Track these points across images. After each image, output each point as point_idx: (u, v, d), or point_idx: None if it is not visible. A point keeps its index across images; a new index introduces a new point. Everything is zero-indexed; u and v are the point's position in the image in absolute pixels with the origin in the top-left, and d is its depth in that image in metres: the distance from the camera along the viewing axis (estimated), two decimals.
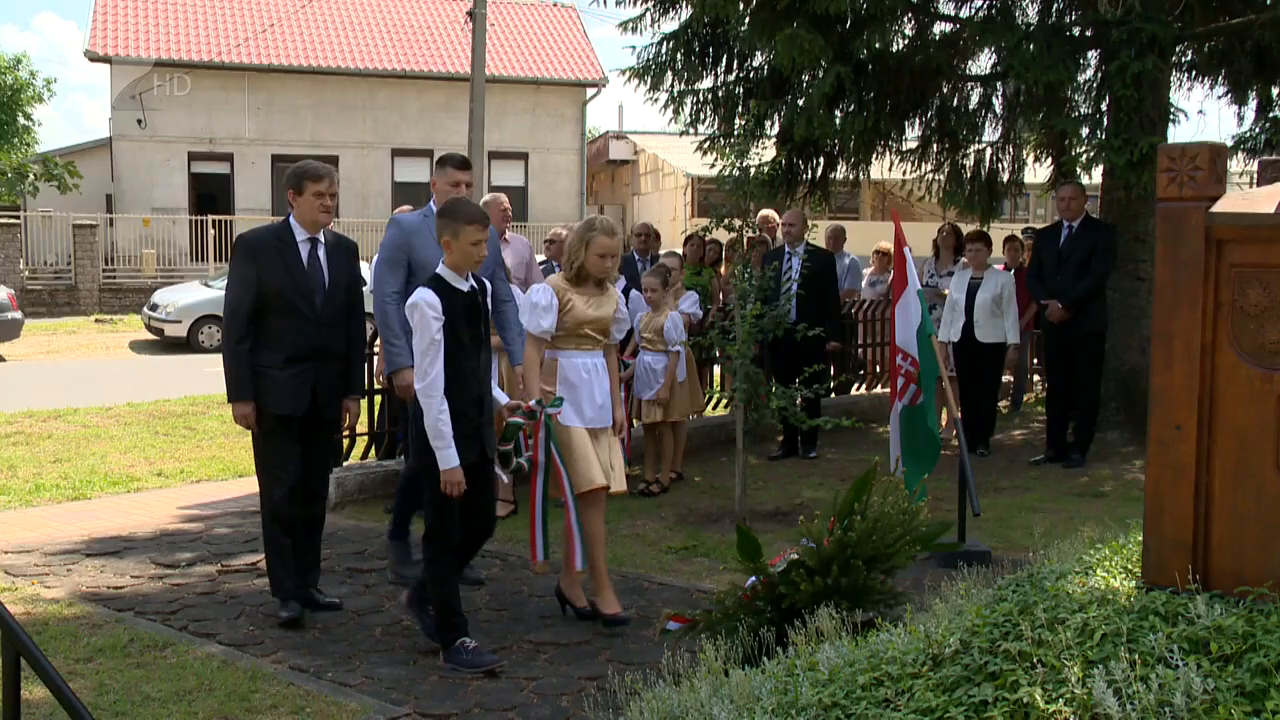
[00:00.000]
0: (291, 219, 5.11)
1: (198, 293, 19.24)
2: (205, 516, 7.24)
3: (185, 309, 18.51)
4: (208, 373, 14.87)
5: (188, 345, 18.19)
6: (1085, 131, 9.13)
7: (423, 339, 4.34)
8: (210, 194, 27.33)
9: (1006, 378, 11.39)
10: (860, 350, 11.47)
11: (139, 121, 26.45)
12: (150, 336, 19.00)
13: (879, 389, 11.50)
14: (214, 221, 25.06)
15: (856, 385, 11.45)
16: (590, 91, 30.27)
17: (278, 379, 5.00)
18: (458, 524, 4.55)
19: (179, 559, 6.19)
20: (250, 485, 8.24)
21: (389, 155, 28.06)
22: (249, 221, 26.17)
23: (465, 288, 4.50)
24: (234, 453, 9.29)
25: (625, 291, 8.28)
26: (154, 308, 18.90)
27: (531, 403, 4.80)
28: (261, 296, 4.98)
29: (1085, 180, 9.97)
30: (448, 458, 4.35)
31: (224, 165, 27.44)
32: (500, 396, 4.77)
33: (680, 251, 10.19)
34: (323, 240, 5.14)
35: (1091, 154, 8.83)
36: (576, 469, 4.98)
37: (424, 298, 4.35)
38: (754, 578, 4.35)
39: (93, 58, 26.15)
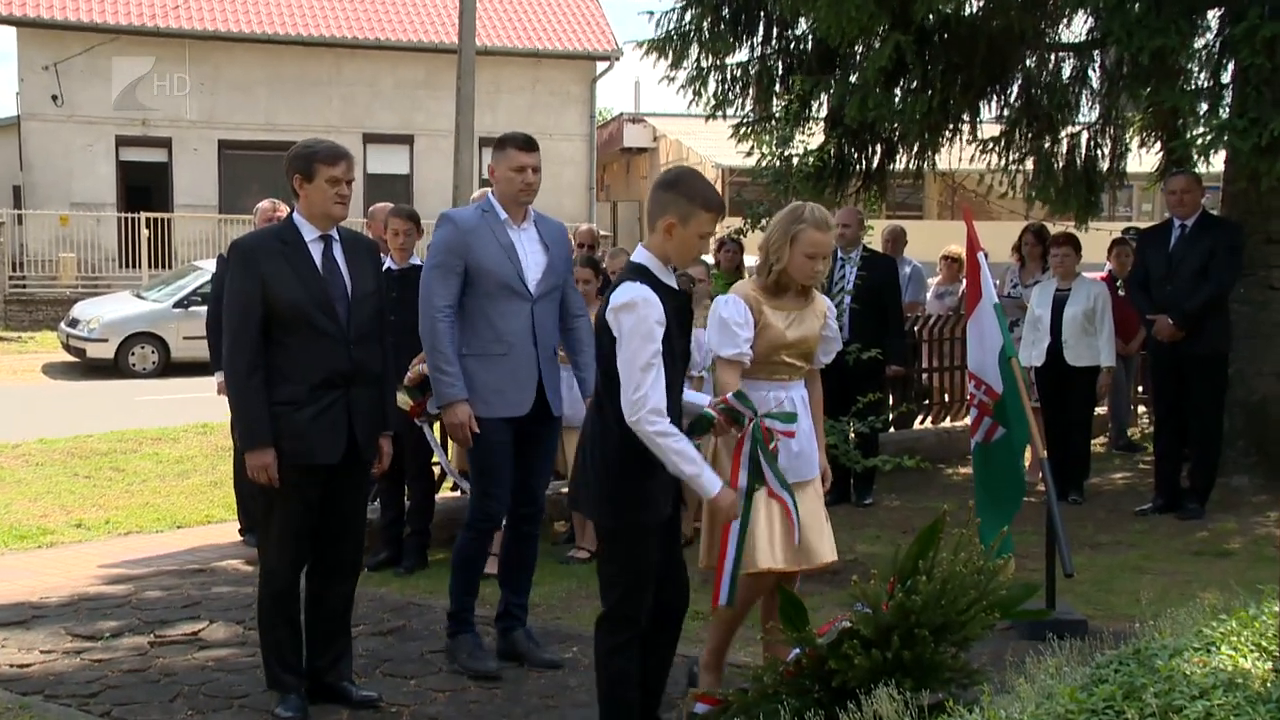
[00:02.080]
0: (296, 215, 4.93)
1: (128, 306, 19.34)
2: (134, 576, 7.24)
3: (112, 325, 18.60)
4: (139, 402, 14.92)
5: (115, 369, 18.26)
6: (1204, 109, 9.07)
7: (642, 352, 4.00)
8: (143, 186, 27.44)
9: (1103, 409, 11.33)
10: (925, 375, 11.44)
11: (54, 98, 26.57)
12: (69, 358, 19.09)
13: (947, 422, 11.46)
14: (148, 220, 25.14)
15: (921, 418, 11.42)
16: (601, 66, 30.41)
17: (300, 419, 4.79)
18: (650, 598, 4.29)
19: (101, 629, 6.18)
20: (192, 539, 8.26)
21: (360, 141, 28.15)
22: (190, 220, 26.33)
23: (674, 284, 4.25)
24: (171, 498, 9.30)
25: None
26: (74, 323, 18.99)
27: (731, 397, 4.36)
28: (271, 314, 4.77)
29: (1202, 169, 9.93)
30: (709, 481, 4.10)
31: (160, 152, 27.58)
32: (698, 398, 4.50)
33: (708, 257, 10.18)
34: (337, 238, 4.96)
35: (1210, 136, 8.77)
36: (748, 541, 4.59)
37: (645, 295, 4.03)
38: (798, 649, 4.33)
39: None
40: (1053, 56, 10.92)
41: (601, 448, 4.19)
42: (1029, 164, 11.33)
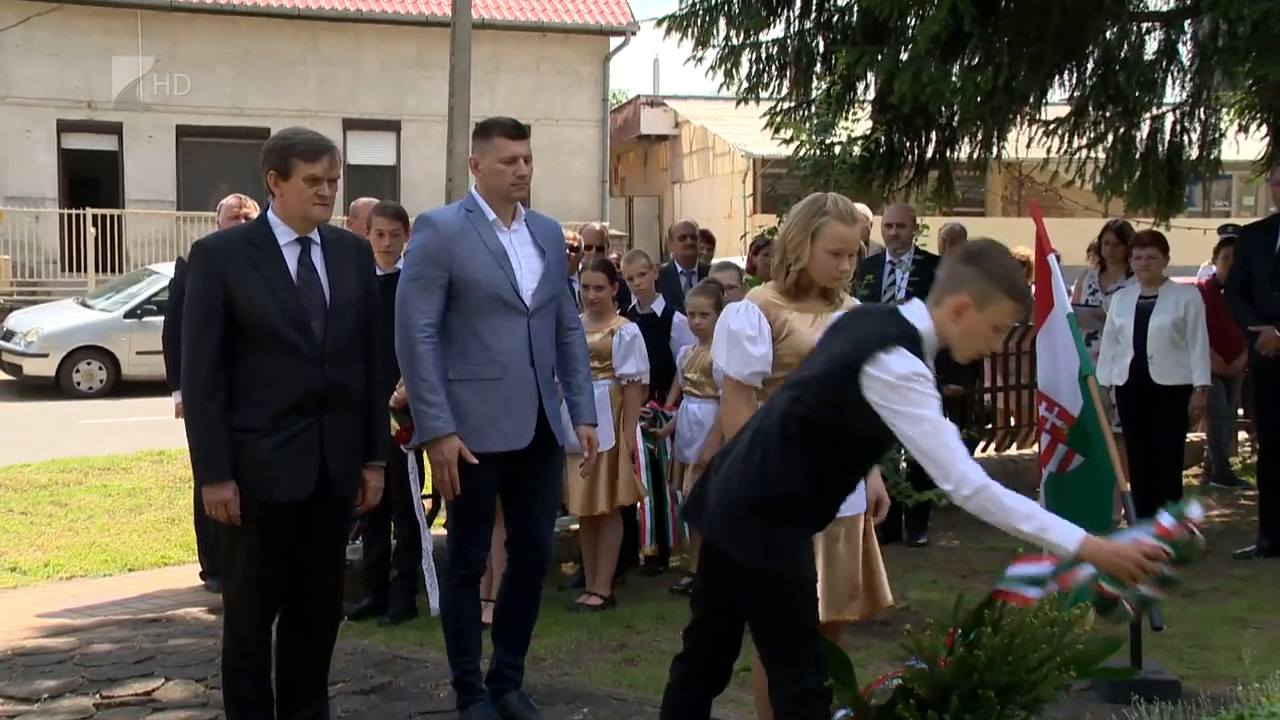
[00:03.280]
0: (270, 214, 4.94)
1: (72, 315, 19.42)
2: (78, 628, 7.24)
3: (54, 338, 18.66)
4: (84, 426, 14.95)
5: (57, 388, 18.33)
6: None
7: (941, 429, 4.02)
8: (90, 178, 27.50)
9: (1197, 435, 11.27)
10: (988, 396, 11.42)
11: None
12: (3, 376, 19.18)
13: (1014, 449, 11.43)
14: (95, 217, 25.18)
15: (984, 444, 11.39)
16: (615, 41, 30.46)
17: (262, 448, 4.80)
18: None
19: (39, 689, 6.17)
20: (146, 583, 8.28)
21: (339, 128, 28.20)
22: (143, 217, 26.38)
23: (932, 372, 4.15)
24: (121, 537, 9.32)
25: (665, 315, 8.30)
26: (9, 336, 19.08)
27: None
28: (235, 328, 4.78)
29: None
30: (1065, 534, 4.01)
31: (109, 139, 27.65)
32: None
33: (740, 261, 10.18)
34: (318, 240, 4.96)
35: None
36: None
37: (925, 372, 4.04)
38: (844, 711, 4.32)
39: None
40: (1135, 27, 10.88)
41: (767, 486, 4.12)
42: (1104, 150, 11.27)
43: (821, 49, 10.85)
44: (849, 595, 4.85)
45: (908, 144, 11.10)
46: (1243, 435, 12.42)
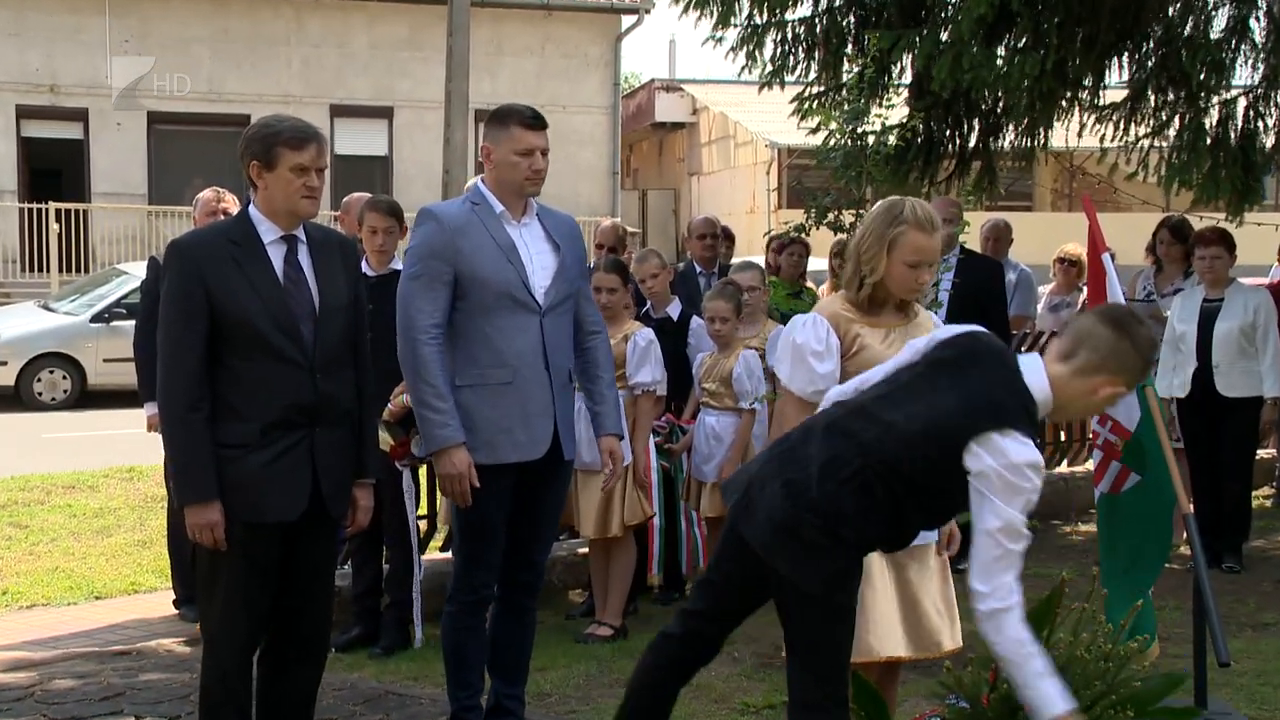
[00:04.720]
0: (252, 209, 4.94)
1: (33, 319, 19.43)
2: (39, 662, 7.24)
3: (13, 344, 18.66)
4: (47, 440, 14.96)
5: (17, 399, 18.34)
6: None
7: (1011, 542, 3.93)
8: (52, 170, 27.57)
9: (1267, 452, 11.24)
10: None
11: None
12: None
13: (1064, 467, 11.40)
14: (58, 212, 25.19)
15: None
16: (627, 21, 30.44)
17: (250, 466, 4.79)
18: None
19: None
20: (114, 612, 8.28)
21: (326, 115, 28.19)
22: (112, 212, 26.41)
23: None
24: (87, 561, 9.32)
25: (682, 319, 8.30)
26: None
27: None
28: (215, 334, 4.78)
29: None
30: (1056, 699, 3.97)
31: (74, 127, 27.66)
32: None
33: (763, 260, 10.17)
34: (304, 239, 4.98)
35: None
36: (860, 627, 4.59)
37: (1032, 459, 3.96)
38: None
39: None
40: (1201, 2, 10.84)
41: (837, 522, 4.09)
42: (1168, 138, 11.22)
43: (852, 29, 10.85)
44: (914, 630, 4.89)
45: (948, 133, 11.09)
46: None
